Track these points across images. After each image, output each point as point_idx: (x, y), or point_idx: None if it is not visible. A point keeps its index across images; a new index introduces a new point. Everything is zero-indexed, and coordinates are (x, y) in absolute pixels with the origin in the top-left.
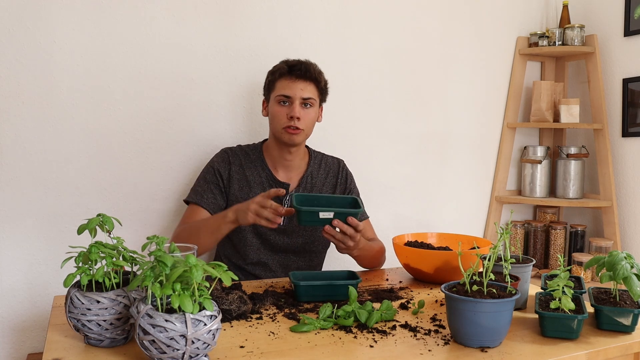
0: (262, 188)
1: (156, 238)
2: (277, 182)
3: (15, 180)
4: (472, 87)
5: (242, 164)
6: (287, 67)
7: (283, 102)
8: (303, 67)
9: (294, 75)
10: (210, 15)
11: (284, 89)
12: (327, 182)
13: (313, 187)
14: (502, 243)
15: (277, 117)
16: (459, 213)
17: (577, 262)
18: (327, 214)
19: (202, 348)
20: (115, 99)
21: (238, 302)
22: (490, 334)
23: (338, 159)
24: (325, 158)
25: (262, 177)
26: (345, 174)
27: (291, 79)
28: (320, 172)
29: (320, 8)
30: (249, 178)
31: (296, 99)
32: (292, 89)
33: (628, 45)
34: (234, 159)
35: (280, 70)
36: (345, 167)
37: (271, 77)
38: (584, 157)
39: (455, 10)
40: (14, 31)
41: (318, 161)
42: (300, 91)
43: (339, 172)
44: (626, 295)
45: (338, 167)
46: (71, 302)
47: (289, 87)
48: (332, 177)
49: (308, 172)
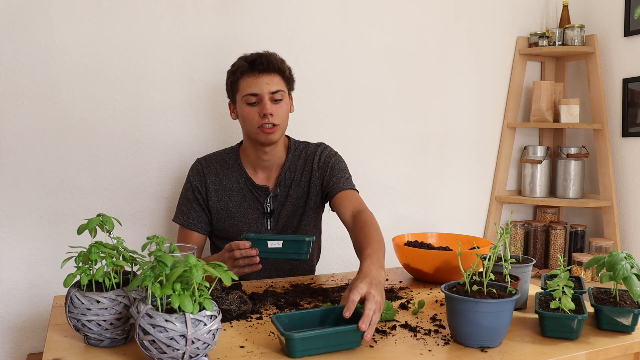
0: (241, 195)
1: (156, 238)
2: (255, 186)
3: (15, 180)
4: (472, 87)
5: (217, 173)
6: (248, 64)
7: (251, 102)
8: (264, 60)
9: (256, 70)
10: (210, 15)
11: (250, 87)
12: (304, 172)
13: (293, 181)
14: (502, 243)
15: (248, 119)
16: (459, 213)
17: (577, 262)
18: (275, 242)
19: (202, 348)
20: (115, 99)
21: (238, 302)
22: (490, 334)
23: (318, 143)
24: (308, 147)
25: (240, 182)
26: (322, 154)
27: (254, 75)
28: (299, 162)
29: (321, 8)
30: (227, 187)
31: (265, 95)
32: (258, 86)
33: (628, 45)
34: (208, 169)
35: (241, 68)
36: (324, 149)
37: (232, 77)
38: (584, 157)
39: (455, 10)
40: (14, 31)
41: (299, 152)
42: (267, 85)
43: (315, 154)
44: (626, 295)
45: (315, 151)
46: (71, 302)
47: (254, 84)
48: (309, 163)
49: (285, 168)
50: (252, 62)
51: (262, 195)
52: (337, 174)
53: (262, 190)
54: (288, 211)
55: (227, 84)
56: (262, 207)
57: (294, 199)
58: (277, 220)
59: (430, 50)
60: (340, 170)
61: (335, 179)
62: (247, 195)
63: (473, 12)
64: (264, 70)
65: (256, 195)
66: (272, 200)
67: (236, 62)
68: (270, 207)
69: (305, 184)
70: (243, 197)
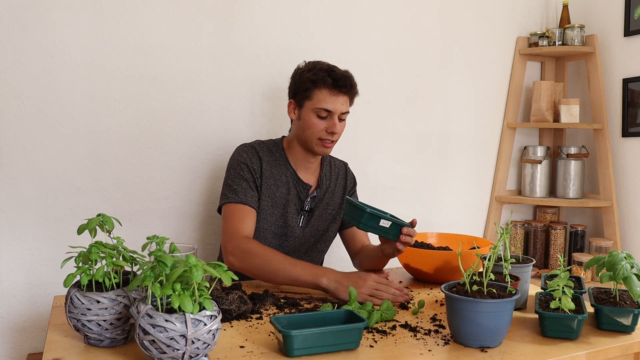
0: (286, 187)
1: (156, 238)
2: (300, 182)
3: (15, 180)
4: (472, 87)
5: (269, 160)
6: (332, 80)
7: (322, 116)
8: (347, 82)
9: (337, 89)
10: (210, 16)
11: (326, 103)
12: (338, 184)
13: (328, 188)
14: (502, 243)
15: (313, 128)
16: (459, 213)
17: (577, 262)
18: (386, 222)
19: (202, 348)
20: (115, 99)
21: (238, 302)
22: (490, 334)
23: (343, 161)
24: (332, 160)
25: (287, 176)
26: (352, 177)
27: (333, 92)
28: (332, 173)
29: (321, 8)
30: (276, 176)
31: (336, 114)
32: (334, 104)
33: (628, 45)
34: (263, 154)
35: (324, 81)
36: (351, 170)
37: (310, 84)
38: (584, 157)
39: (456, 10)
40: (14, 31)
41: (328, 162)
42: (342, 106)
43: (347, 174)
44: (626, 295)
45: (345, 170)
46: (71, 302)
47: (331, 101)
48: (342, 179)
49: (323, 173)
50: (336, 80)
51: (304, 192)
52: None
53: (305, 188)
54: (320, 214)
55: (298, 86)
56: (302, 203)
57: (327, 204)
58: (308, 220)
59: (430, 50)
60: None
61: None
62: (292, 190)
63: (473, 12)
64: (344, 92)
65: (299, 191)
66: (311, 199)
67: (317, 71)
68: (309, 205)
69: (339, 195)
70: (288, 190)
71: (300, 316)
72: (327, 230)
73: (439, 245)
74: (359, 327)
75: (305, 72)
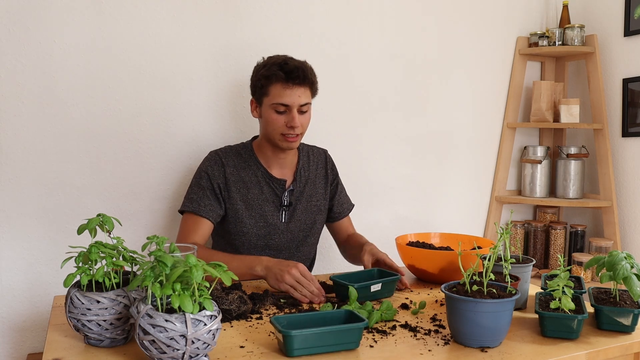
0: (259, 187)
1: (156, 238)
2: (273, 179)
3: (16, 179)
4: (472, 87)
5: (235, 164)
6: (284, 74)
7: (280, 111)
8: (300, 73)
9: (291, 81)
10: (210, 16)
11: (281, 97)
12: (318, 174)
13: (308, 179)
14: (502, 243)
15: (273, 124)
16: (459, 213)
17: (577, 262)
18: (376, 286)
19: (202, 348)
20: (115, 99)
21: (238, 302)
22: (490, 334)
23: (322, 148)
24: (311, 149)
25: (258, 176)
26: (332, 164)
27: (287, 85)
28: (311, 164)
29: (321, 8)
30: (245, 178)
31: (294, 107)
32: (290, 97)
33: (628, 45)
34: (227, 160)
35: (276, 76)
36: (330, 157)
37: (264, 80)
38: (584, 157)
39: (456, 10)
40: (14, 31)
41: (306, 153)
42: (298, 98)
43: (327, 162)
44: (626, 295)
45: (325, 158)
46: (71, 302)
47: (286, 95)
48: (321, 168)
49: (300, 165)
50: (288, 73)
51: (279, 188)
52: (343, 197)
53: (280, 183)
54: (304, 207)
55: (255, 84)
56: (280, 199)
57: (309, 196)
58: (292, 215)
59: (431, 50)
60: (342, 189)
61: (344, 206)
62: (265, 188)
63: (473, 12)
64: (298, 83)
65: (274, 188)
66: (289, 194)
67: (270, 67)
68: (287, 200)
69: (320, 186)
70: (261, 190)
71: (300, 316)
72: (314, 222)
73: (440, 245)
74: (359, 327)
75: (260, 68)
